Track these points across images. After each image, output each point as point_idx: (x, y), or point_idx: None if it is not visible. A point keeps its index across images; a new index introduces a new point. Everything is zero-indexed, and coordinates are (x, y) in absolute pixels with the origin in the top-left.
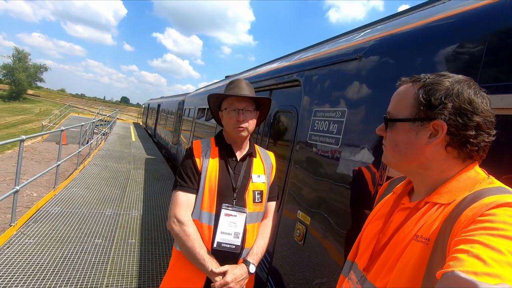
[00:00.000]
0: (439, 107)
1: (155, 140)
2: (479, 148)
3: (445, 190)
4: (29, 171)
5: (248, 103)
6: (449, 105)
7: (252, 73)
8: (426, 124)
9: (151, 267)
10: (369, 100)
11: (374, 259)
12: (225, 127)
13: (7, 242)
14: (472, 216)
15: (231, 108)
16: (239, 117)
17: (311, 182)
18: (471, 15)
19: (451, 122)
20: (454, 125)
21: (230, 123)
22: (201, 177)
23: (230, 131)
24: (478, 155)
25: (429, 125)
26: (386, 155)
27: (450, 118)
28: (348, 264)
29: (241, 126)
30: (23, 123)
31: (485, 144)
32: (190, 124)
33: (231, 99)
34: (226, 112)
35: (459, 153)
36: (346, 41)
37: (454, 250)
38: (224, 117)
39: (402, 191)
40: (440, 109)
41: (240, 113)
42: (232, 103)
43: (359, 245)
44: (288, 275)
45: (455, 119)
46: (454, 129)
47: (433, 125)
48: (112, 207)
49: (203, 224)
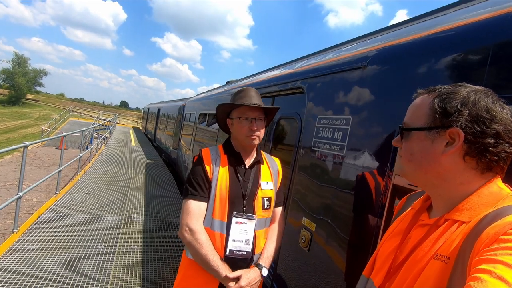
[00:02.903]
0: (455, 114)
1: (155, 145)
2: (499, 158)
3: (466, 207)
4: (29, 176)
5: (259, 112)
6: (465, 112)
7: (254, 79)
8: (442, 132)
9: (154, 273)
10: (374, 108)
11: (390, 277)
12: (236, 135)
13: (10, 249)
14: (494, 235)
15: (243, 117)
16: (252, 126)
17: (316, 188)
18: (474, 28)
19: (468, 129)
20: (471, 132)
21: (243, 132)
22: (211, 185)
23: (242, 139)
24: (498, 166)
25: (445, 133)
26: (402, 165)
27: (467, 125)
28: (364, 280)
29: (254, 134)
30: (22, 128)
31: (506, 154)
32: (191, 129)
33: (243, 108)
34: (238, 120)
35: (477, 164)
36: (350, 50)
37: (476, 270)
38: (235, 125)
39: (420, 206)
40: (456, 117)
41: (253, 122)
42: (244, 112)
43: (375, 261)
44: (293, 282)
45: (472, 127)
46: (472, 136)
47: (449, 133)
48: (114, 212)
49: (215, 232)
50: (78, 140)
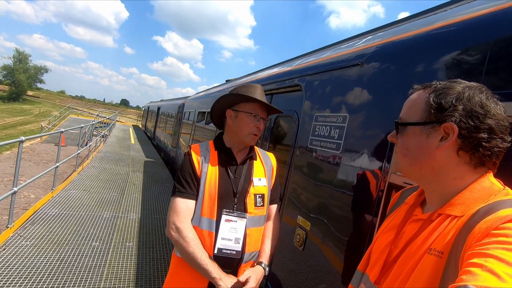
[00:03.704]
0: (450, 109)
1: (154, 143)
2: (492, 153)
3: (459, 202)
4: (27, 172)
5: (266, 112)
6: (460, 107)
7: (253, 77)
8: (436, 127)
9: (148, 270)
10: (371, 106)
11: (385, 271)
12: (236, 130)
13: (4, 244)
14: (486, 229)
15: (254, 113)
16: (260, 125)
17: (312, 187)
18: (472, 23)
19: (462, 124)
20: (465, 127)
21: (248, 128)
22: (200, 182)
23: (243, 135)
24: (491, 161)
25: (440, 128)
26: (397, 160)
27: (461, 120)
28: (359, 274)
29: (257, 133)
30: (22, 124)
31: (498, 149)
32: (189, 128)
33: (255, 105)
34: (246, 115)
35: (470, 158)
36: (348, 47)
37: (468, 263)
38: (239, 119)
39: (414, 202)
40: (450, 111)
41: (261, 121)
42: (256, 108)
43: (370, 255)
44: (287, 281)
45: (466, 121)
46: (466, 131)
47: (444, 127)
48: (110, 209)
49: (203, 230)
50: (77, 138)
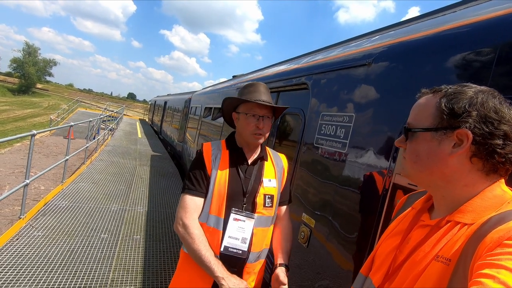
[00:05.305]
0: (463, 115)
1: (161, 137)
2: (506, 159)
3: (469, 209)
4: (37, 164)
5: (268, 110)
6: (474, 113)
7: (260, 74)
8: (449, 133)
9: (155, 263)
10: (377, 107)
11: (390, 277)
12: (241, 131)
13: (17, 234)
14: (498, 239)
15: (251, 113)
16: (259, 124)
17: (317, 185)
18: (482, 26)
19: (477, 130)
20: (479, 133)
21: (249, 128)
22: (210, 181)
23: (246, 136)
24: (504, 168)
25: (453, 134)
26: (405, 167)
27: (476, 126)
28: (361, 278)
29: (260, 133)
30: (31, 117)
31: None
32: (196, 123)
33: (251, 104)
34: (245, 116)
35: (483, 165)
36: (355, 47)
37: (478, 274)
38: (241, 120)
39: (421, 207)
40: (464, 117)
41: (260, 120)
42: (252, 108)
43: (374, 259)
44: (292, 277)
45: (481, 127)
46: (480, 138)
47: (457, 134)
48: (118, 202)
49: (210, 227)
50: (85, 131)
